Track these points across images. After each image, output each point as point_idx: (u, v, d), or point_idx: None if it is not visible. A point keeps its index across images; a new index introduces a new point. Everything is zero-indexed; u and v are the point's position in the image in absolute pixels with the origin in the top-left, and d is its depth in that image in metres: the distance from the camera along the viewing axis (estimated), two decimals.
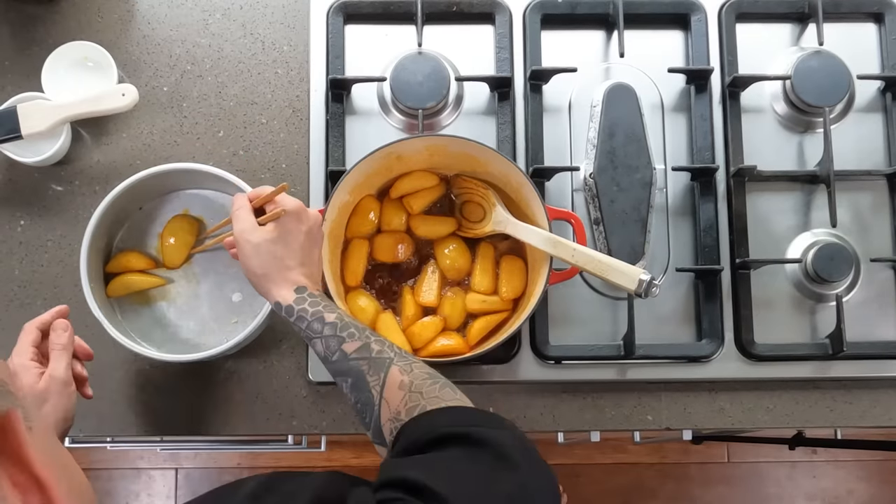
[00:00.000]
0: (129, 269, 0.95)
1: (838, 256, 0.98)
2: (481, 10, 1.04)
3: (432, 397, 0.68)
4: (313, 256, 0.80)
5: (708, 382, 0.99)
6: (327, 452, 1.25)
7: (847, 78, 1.02)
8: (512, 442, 0.60)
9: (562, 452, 1.86)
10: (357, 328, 0.74)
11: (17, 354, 0.79)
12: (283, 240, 0.78)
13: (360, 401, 0.72)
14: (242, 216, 0.79)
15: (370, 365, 0.72)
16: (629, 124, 0.99)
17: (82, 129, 1.02)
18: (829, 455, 1.89)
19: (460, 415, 0.66)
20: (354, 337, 0.73)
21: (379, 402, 0.70)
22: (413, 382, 0.69)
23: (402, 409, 0.68)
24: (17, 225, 1.01)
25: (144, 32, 1.05)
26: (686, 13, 1.04)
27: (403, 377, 0.70)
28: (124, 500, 1.85)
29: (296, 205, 0.79)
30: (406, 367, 0.71)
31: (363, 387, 0.71)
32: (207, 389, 0.98)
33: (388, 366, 0.71)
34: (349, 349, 0.73)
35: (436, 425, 0.64)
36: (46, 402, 0.76)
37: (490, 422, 0.65)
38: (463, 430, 0.62)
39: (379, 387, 0.70)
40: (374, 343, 0.73)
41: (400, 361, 0.72)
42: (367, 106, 1.03)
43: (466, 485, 0.55)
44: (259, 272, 0.77)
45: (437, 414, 0.66)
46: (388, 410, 0.69)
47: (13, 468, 0.41)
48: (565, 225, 0.91)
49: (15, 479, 0.41)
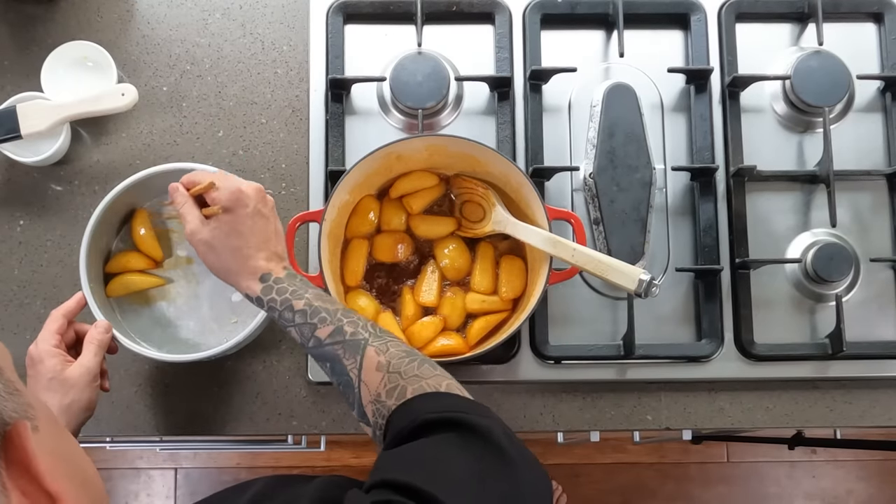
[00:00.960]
0: (129, 269, 0.95)
1: (838, 256, 0.98)
2: (481, 9, 1.04)
3: (411, 376, 0.67)
4: (268, 233, 0.78)
5: (707, 382, 0.99)
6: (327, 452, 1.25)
7: (847, 78, 1.02)
8: (501, 431, 0.60)
9: (562, 452, 1.86)
10: (328, 312, 0.73)
11: (42, 341, 0.81)
12: (233, 231, 0.76)
13: (342, 383, 0.71)
14: (188, 214, 0.78)
15: (345, 348, 0.71)
16: (629, 124, 0.99)
17: (82, 129, 1.02)
18: (828, 455, 1.89)
19: (446, 401, 0.66)
20: (326, 322, 0.73)
21: (358, 384, 0.69)
22: (390, 362, 0.69)
23: (381, 390, 0.68)
24: (16, 225, 1.01)
25: (144, 32, 1.05)
26: (686, 13, 1.04)
27: (380, 357, 0.69)
28: (123, 499, 1.85)
29: (229, 195, 0.77)
30: (382, 347, 0.70)
31: (341, 370, 0.71)
32: (207, 389, 0.98)
33: (363, 347, 0.70)
34: (322, 335, 0.72)
35: (423, 411, 0.63)
36: (73, 389, 0.78)
37: (476, 409, 0.65)
38: (450, 416, 0.61)
39: (356, 370, 0.70)
40: (346, 325, 0.72)
41: (375, 341, 0.71)
42: (367, 106, 1.03)
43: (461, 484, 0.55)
44: (221, 269, 0.77)
45: (424, 399, 0.65)
46: (367, 393, 0.69)
47: (22, 479, 0.41)
48: (565, 225, 0.91)
49: (24, 489, 0.41)
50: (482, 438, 0.59)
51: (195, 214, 0.78)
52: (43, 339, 0.81)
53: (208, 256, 0.77)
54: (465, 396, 0.67)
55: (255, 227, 0.77)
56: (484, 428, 0.59)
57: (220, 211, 0.77)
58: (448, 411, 0.63)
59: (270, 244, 0.78)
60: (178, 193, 0.80)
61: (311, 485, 0.55)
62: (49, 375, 0.78)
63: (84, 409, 0.79)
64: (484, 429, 0.59)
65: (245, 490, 0.55)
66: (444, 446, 0.59)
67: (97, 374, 0.81)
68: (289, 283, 0.76)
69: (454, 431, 0.60)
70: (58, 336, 0.81)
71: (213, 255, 0.77)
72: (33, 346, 0.81)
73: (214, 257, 0.77)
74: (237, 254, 0.76)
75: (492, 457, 0.58)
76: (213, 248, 0.77)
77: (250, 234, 0.76)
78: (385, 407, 0.67)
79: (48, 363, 0.78)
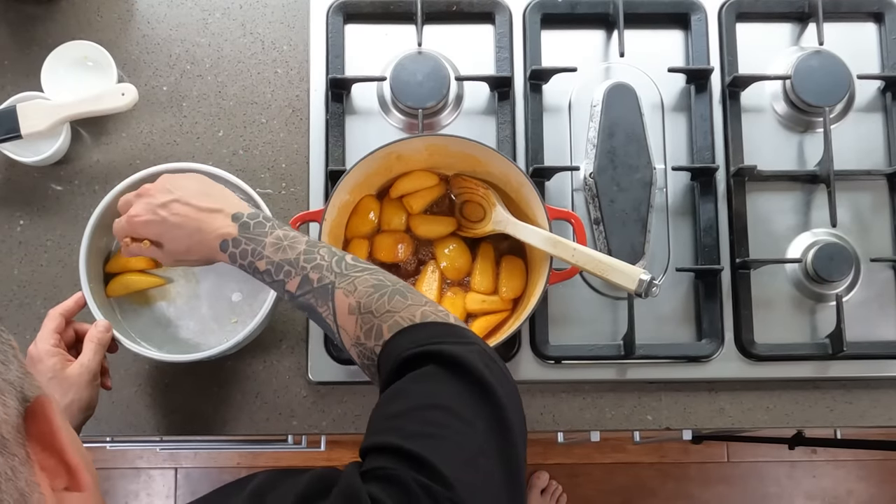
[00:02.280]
0: (129, 269, 0.95)
1: (838, 256, 0.98)
2: (481, 9, 1.04)
3: (384, 313, 0.66)
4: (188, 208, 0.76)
5: (708, 382, 0.99)
6: (327, 452, 1.25)
7: (847, 78, 1.02)
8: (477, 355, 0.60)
9: (562, 452, 1.86)
10: (290, 262, 0.71)
11: (41, 340, 0.81)
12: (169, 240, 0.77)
13: (325, 329, 0.71)
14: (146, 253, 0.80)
15: (315, 297, 0.70)
16: (629, 124, 0.99)
17: (82, 129, 1.02)
18: (828, 455, 1.89)
19: (422, 333, 0.65)
20: (291, 275, 0.71)
21: (337, 330, 0.69)
22: (360, 303, 0.67)
23: (359, 333, 0.67)
24: (16, 225, 1.01)
25: (144, 32, 1.05)
26: (686, 13, 1.04)
27: (350, 299, 0.68)
28: (123, 499, 1.85)
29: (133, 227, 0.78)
30: (349, 287, 0.69)
31: (319, 318, 0.70)
32: (207, 389, 0.98)
33: (331, 291, 0.69)
34: (292, 288, 0.71)
35: (401, 349, 0.63)
36: (72, 388, 0.78)
37: (452, 334, 0.64)
38: (427, 350, 0.61)
39: (332, 316, 0.69)
40: (311, 272, 0.70)
41: (342, 282, 0.69)
42: (367, 106, 1.03)
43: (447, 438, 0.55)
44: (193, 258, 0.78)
45: (400, 336, 0.65)
46: (347, 337, 0.68)
47: (42, 453, 0.42)
48: (565, 225, 0.91)
49: (44, 463, 0.42)
50: (459, 368, 0.59)
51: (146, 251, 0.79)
52: (42, 339, 0.81)
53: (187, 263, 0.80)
54: (441, 322, 0.66)
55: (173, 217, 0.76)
56: (459, 356, 0.60)
57: (147, 244, 0.78)
58: (424, 344, 0.62)
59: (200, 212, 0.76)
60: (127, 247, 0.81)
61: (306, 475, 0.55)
62: (49, 375, 0.78)
63: (84, 409, 0.79)
64: (459, 357, 0.60)
65: (244, 485, 0.55)
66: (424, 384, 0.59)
67: (97, 373, 0.81)
68: (245, 240, 0.74)
69: (432, 363, 0.60)
70: (56, 335, 0.81)
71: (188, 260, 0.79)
72: (32, 345, 0.81)
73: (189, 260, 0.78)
74: (192, 249, 0.76)
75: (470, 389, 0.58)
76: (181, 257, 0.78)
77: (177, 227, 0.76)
78: (367, 349, 0.67)
79: (48, 362, 0.78)
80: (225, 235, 0.74)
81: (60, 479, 0.43)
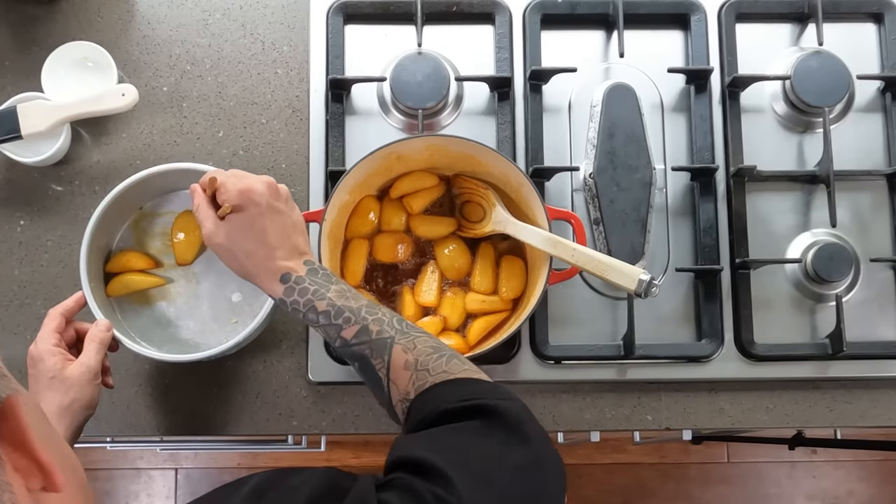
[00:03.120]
0: (129, 269, 0.95)
1: (838, 256, 0.98)
2: (481, 10, 1.04)
3: (440, 373, 0.66)
4: (286, 228, 0.75)
5: (708, 382, 0.99)
6: (327, 452, 1.25)
7: (847, 78, 1.02)
8: (520, 413, 0.60)
9: (562, 452, 1.84)
10: (352, 311, 0.71)
11: (41, 340, 0.80)
12: (247, 233, 0.74)
13: (371, 382, 0.71)
14: (203, 217, 0.76)
15: (372, 348, 0.70)
16: (629, 124, 0.99)
17: (82, 129, 1.02)
18: (828, 455, 1.89)
19: (467, 387, 0.65)
20: (350, 322, 0.71)
21: (387, 384, 0.69)
22: (418, 360, 0.68)
23: (410, 388, 0.67)
24: (16, 225, 1.01)
25: (144, 32, 1.05)
26: (686, 13, 1.04)
27: (408, 356, 0.68)
28: (124, 500, 1.85)
29: (238, 195, 0.74)
30: (409, 345, 0.69)
31: (370, 370, 0.70)
32: (207, 389, 0.98)
33: (390, 346, 0.69)
34: (348, 336, 0.71)
35: (443, 400, 0.63)
36: (73, 387, 0.78)
37: (497, 393, 0.64)
38: (470, 404, 0.61)
39: (385, 369, 0.69)
40: (372, 324, 0.71)
41: (402, 339, 0.70)
42: (367, 106, 1.03)
43: (472, 460, 0.55)
44: (241, 272, 0.76)
45: (443, 387, 0.65)
46: (397, 392, 0.68)
47: (14, 453, 0.41)
48: (565, 225, 0.91)
49: (17, 463, 0.41)
50: (502, 420, 0.59)
51: (210, 217, 0.75)
52: (42, 339, 0.81)
53: (228, 260, 0.76)
54: (485, 380, 0.67)
55: (270, 224, 0.74)
56: (503, 409, 0.59)
57: (230, 209, 0.74)
58: (468, 398, 0.62)
59: (289, 239, 0.75)
60: (195, 194, 0.78)
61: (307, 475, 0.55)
62: (50, 374, 0.78)
63: (85, 408, 0.79)
64: (503, 410, 0.59)
65: (242, 485, 0.55)
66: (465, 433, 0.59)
67: (98, 372, 0.81)
68: (310, 281, 0.73)
69: (478, 418, 0.60)
70: (57, 335, 0.81)
71: (231, 259, 0.75)
72: (33, 345, 0.81)
73: (233, 260, 0.75)
74: (253, 256, 0.74)
75: (509, 436, 0.58)
76: (231, 252, 0.75)
77: (264, 232, 0.74)
78: None
79: (48, 362, 0.78)
80: (291, 269, 0.74)
81: (35, 478, 0.42)
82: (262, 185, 0.75)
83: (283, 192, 0.77)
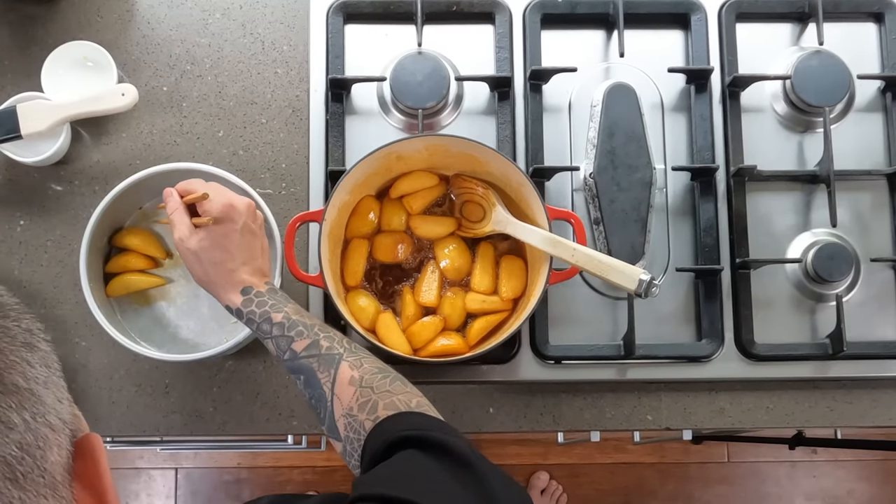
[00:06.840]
0: (129, 269, 0.95)
1: (838, 256, 0.98)
2: (481, 9, 1.04)
3: (383, 391, 0.69)
4: (255, 250, 0.80)
5: (708, 382, 0.99)
6: (327, 452, 1.25)
7: (847, 78, 1.02)
8: (466, 448, 0.60)
9: (562, 452, 1.86)
10: (305, 326, 0.75)
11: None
12: (219, 244, 0.77)
13: (314, 397, 0.72)
14: (177, 221, 0.79)
15: (320, 362, 0.72)
16: (629, 124, 0.99)
17: (82, 129, 1.02)
18: (829, 455, 1.89)
19: (412, 420, 0.67)
20: (303, 335, 0.74)
21: (331, 398, 0.71)
22: (363, 377, 0.70)
23: (353, 404, 0.69)
24: (16, 225, 1.01)
25: (144, 32, 1.05)
26: (686, 13, 1.04)
27: (353, 372, 0.71)
28: (124, 500, 1.85)
29: (221, 208, 0.78)
30: (356, 363, 0.72)
31: (315, 384, 0.72)
32: (207, 389, 0.98)
33: (337, 362, 0.72)
34: (298, 348, 0.74)
35: (392, 430, 0.64)
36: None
37: (441, 427, 0.66)
38: (415, 434, 0.62)
39: (330, 383, 0.71)
40: (322, 340, 0.74)
41: (350, 357, 0.72)
42: (367, 106, 1.03)
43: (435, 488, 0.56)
44: (204, 279, 0.79)
45: (392, 421, 0.66)
46: (340, 406, 0.70)
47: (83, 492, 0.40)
48: (565, 225, 0.91)
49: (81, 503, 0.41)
50: (446, 453, 0.59)
51: (185, 222, 0.78)
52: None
53: (193, 266, 0.79)
54: (431, 416, 0.68)
55: (243, 242, 0.78)
56: (447, 444, 0.60)
57: (211, 222, 0.78)
58: (412, 429, 0.64)
59: (255, 261, 0.80)
60: (171, 199, 0.80)
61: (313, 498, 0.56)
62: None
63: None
64: (447, 444, 0.60)
65: None
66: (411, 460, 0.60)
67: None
68: (269, 296, 0.77)
69: (418, 448, 0.61)
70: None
71: (197, 265, 0.78)
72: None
73: (199, 267, 0.78)
74: (221, 266, 0.77)
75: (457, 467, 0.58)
76: (199, 259, 0.78)
77: (237, 249, 0.78)
78: (357, 421, 0.68)
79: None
80: (253, 284, 0.78)
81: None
82: (243, 205, 0.79)
83: (259, 218, 0.82)
